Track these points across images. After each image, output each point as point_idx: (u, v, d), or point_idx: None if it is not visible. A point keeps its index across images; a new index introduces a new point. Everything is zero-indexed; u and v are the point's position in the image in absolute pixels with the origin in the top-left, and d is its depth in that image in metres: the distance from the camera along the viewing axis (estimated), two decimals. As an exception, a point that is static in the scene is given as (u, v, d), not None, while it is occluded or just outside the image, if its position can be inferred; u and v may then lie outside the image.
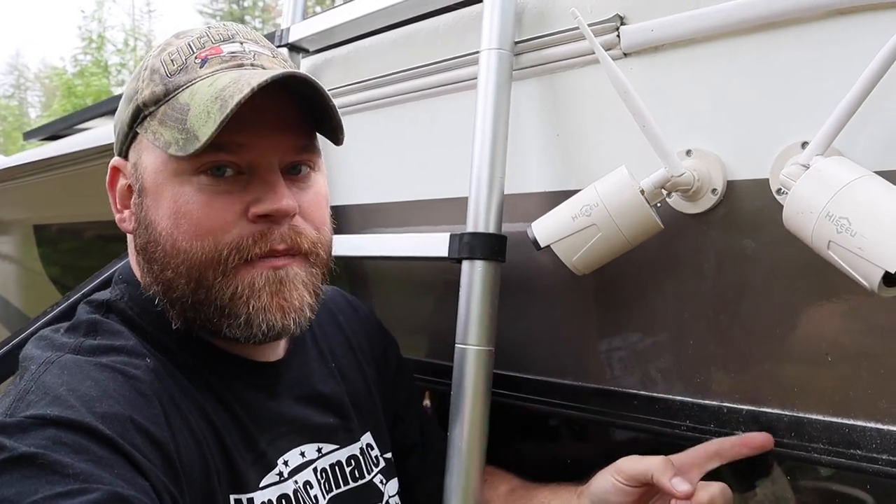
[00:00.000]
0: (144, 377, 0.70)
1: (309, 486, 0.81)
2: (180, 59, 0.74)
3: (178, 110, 0.71)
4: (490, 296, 0.89)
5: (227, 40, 0.76)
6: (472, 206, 0.91)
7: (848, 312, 0.72)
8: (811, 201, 0.63)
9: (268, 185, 0.72)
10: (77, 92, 18.71)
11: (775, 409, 0.78)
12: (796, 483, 1.11)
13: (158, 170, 0.73)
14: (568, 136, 0.92)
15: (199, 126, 0.68)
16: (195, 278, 0.72)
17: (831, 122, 0.66)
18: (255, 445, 0.77)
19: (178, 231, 0.72)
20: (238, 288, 0.72)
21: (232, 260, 0.71)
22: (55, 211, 2.49)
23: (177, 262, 0.72)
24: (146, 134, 0.73)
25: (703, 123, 0.80)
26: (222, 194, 0.72)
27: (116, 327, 0.75)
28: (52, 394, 0.63)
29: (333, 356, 0.94)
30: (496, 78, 0.91)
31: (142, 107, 0.74)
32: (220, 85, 0.70)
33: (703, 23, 0.78)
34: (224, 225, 0.71)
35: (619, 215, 0.75)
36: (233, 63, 0.74)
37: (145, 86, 0.74)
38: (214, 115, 0.67)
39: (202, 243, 0.71)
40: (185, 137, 0.69)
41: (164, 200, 0.73)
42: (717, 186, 0.78)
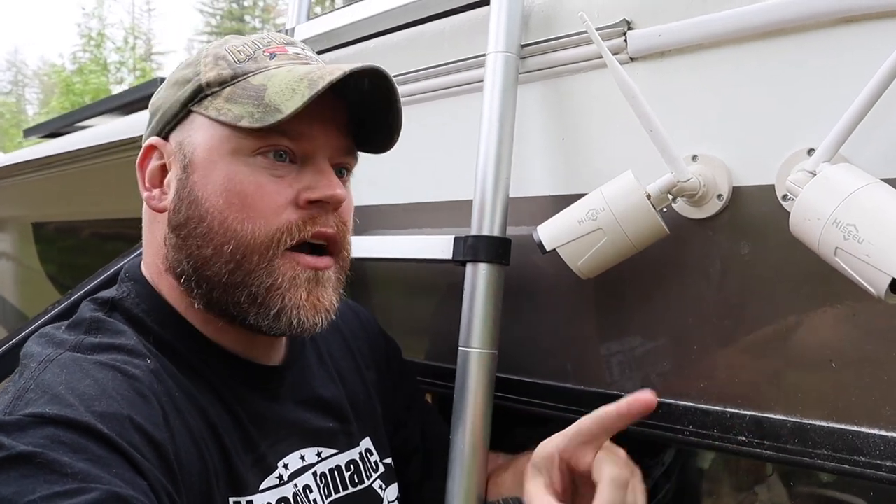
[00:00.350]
0: (144, 377, 0.69)
1: (308, 490, 0.81)
2: (247, 51, 0.77)
3: (251, 90, 0.73)
4: (494, 299, 0.89)
5: (289, 44, 0.80)
6: (476, 209, 0.91)
7: (853, 319, 0.73)
8: (818, 208, 0.63)
9: (321, 174, 0.75)
10: (75, 89, 18.68)
11: (778, 415, 0.78)
12: (795, 489, 1.12)
13: (214, 146, 0.74)
14: (573, 140, 0.92)
15: (283, 101, 0.70)
16: (237, 259, 0.73)
17: (838, 130, 0.67)
18: (256, 448, 0.77)
19: (231, 210, 0.72)
20: (279, 279, 0.73)
21: (283, 243, 0.73)
22: (54, 209, 2.49)
23: (222, 240, 0.73)
24: (206, 111, 0.75)
25: (709, 129, 0.81)
26: (277, 178, 0.74)
27: (119, 326, 0.75)
28: (51, 392, 0.63)
29: (333, 360, 0.94)
30: (502, 81, 0.91)
31: (204, 86, 0.75)
32: (300, 71, 0.73)
33: (710, 29, 0.78)
34: (276, 208, 0.73)
35: (625, 220, 0.75)
36: (300, 61, 0.77)
37: (209, 69, 0.76)
38: (302, 91, 0.70)
39: (253, 225, 0.72)
40: (262, 111, 0.71)
41: (215, 176, 0.73)
42: (723, 192, 0.79)
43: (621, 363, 0.90)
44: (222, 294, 0.74)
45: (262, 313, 0.74)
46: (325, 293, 0.77)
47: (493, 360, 0.89)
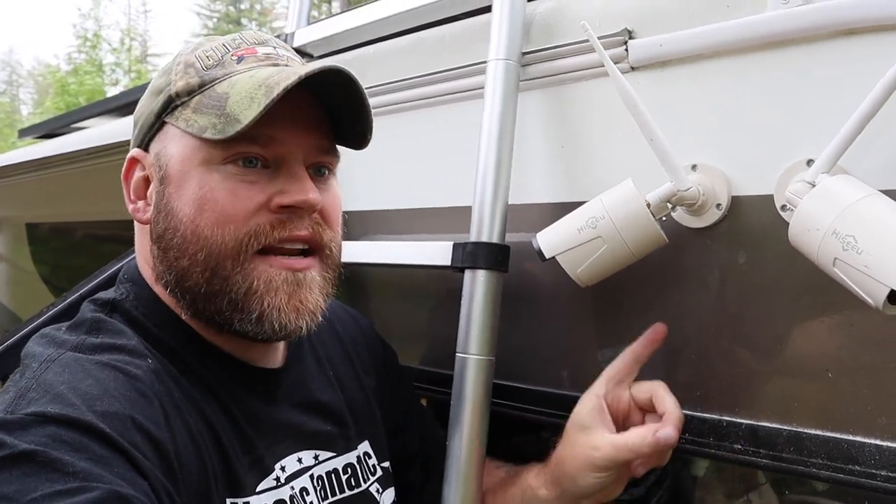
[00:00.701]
0: (145, 377, 0.70)
1: (305, 492, 0.81)
2: (216, 56, 0.77)
3: (216, 99, 0.73)
4: (492, 305, 0.89)
5: (261, 43, 0.79)
6: (475, 216, 0.91)
7: (850, 329, 0.73)
8: (817, 219, 0.63)
9: (294, 177, 0.74)
10: (70, 90, 18.63)
11: (774, 424, 0.78)
12: (787, 497, 1.12)
13: (186, 157, 0.74)
14: (573, 148, 0.93)
15: (241, 110, 0.70)
16: (211, 267, 0.72)
17: (837, 141, 0.67)
18: (254, 450, 0.77)
19: (202, 217, 0.72)
20: (254, 283, 0.73)
21: (251, 246, 0.73)
22: (48, 210, 2.47)
23: (195, 248, 0.73)
24: (177, 122, 0.75)
25: (709, 139, 0.81)
26: (248, 184, 0.73)
27: (119, 327, 0.75)
28: (53, 391, 0.63)
29: (332, 365, 0.94)
30: (503, 88, 0.92)
31: (174, 97, 0.75)
32: (261, 76, 0.72)
33: (711, 39, 0.79)
34: (246, 213, 0.73)
35: (625, 228, 0.76)
36: (268, 62, 0.77)
37: (179, 78, 0.76)
38: (259, 100, 0.69)
39: (223, 230, 0.72)
40: (223, 121, 0.71)
41: (188, 187, 0.73)
42: (722, 201, 0.79)
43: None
44: (205, 303, 0.75)
45: (245, 318, 0.74)
46: (308, 295, 0.76)
47: (490, 367, 0.89)
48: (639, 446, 0.78)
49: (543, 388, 0.96)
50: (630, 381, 0.84)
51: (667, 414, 0.79)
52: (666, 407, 0.79)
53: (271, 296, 0.73)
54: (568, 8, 0.94)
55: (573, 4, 0.93)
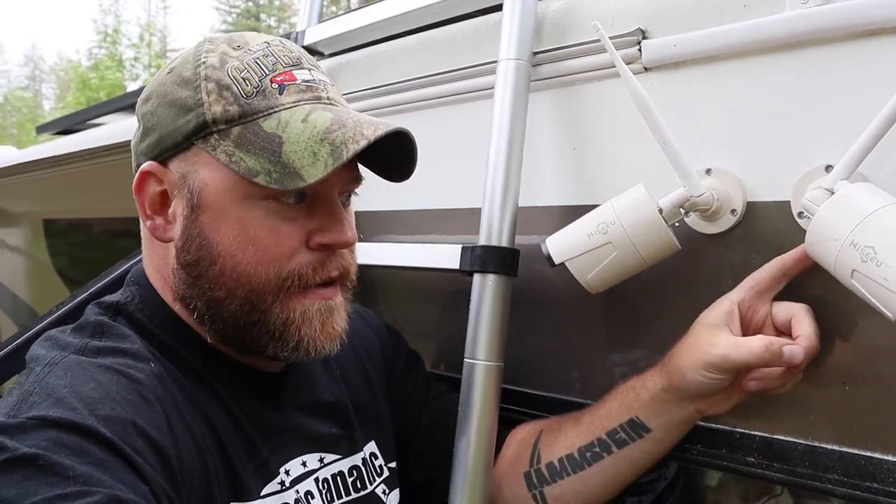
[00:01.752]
0: (147, 381, 0.69)
1: (310, 496, 0.80)
2: (254, 80, 0.73)
3: (264, 139, 0.71)
4: (501, 310, 0.87)
5: (296, 65, 0.76)
6: (485, 219, 0.89)
7: (867, 341, 0.71)
8: (835, 228, 0.61)
9: (331, 215, 0.75)
10: (91, 85, 18.83)
11: (790, 437, 0.76)
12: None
13: (225, 190, 0.72)
14: (585, 150, 0.91)
15: (303, 165, 0.69)
16: (251, 301, 0.73)
17: (857, 147, 0.65)
18: (258, 454, 0.77)
19: (245, 255, 0.72)
20: (292, 315, 0.74)
21: (294, 287, 0.73)
22: (65, 205, 2.49)
23: (235, 284, 0.73)
24: (215, 152, 0.72)
25: (723, 142, 0.79)
26: (289, 221, 0.73)
27: (123, 331, 0.75)
28: (55, 395, 0.63)
29: (338, 363, 0.93)
30: (513, 89, 0.90)
31: (209, 122, 0.72)
32: (320, 125, 0.71)
33: (726, 40, 0.77)
34: (289, 252, 0.73)
35: (636, 234, 0.74)
36: (311, 94, 0.74)
37: (213, 101, 0.72)
38: (324, 159, 0.69)
39: (267, 269, 0.72)
40: (280, 171, 0.69)
41: (228, 221, 0.72)
42: (737, 207, 0.77)
43: (629, 378, 0.89)
44: (239, 333, 0.75)
45: (281, 346, 0.75)
46: (337, 320, 0.78)
47: (498, 373, 0.87)
48: (760, 352, 0.71)
49: (552, 394, 0.94)
50: (772, 295, 0.76)
51: (802, 336, 0.72)
52: (804, 329, 0.72)
53: (307, 326, 0.75)
54: (580, 7, 0.92)
55: (585, 3, 0.91)
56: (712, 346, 0.74)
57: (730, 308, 0.75)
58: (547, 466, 0.87)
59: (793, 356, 0.70)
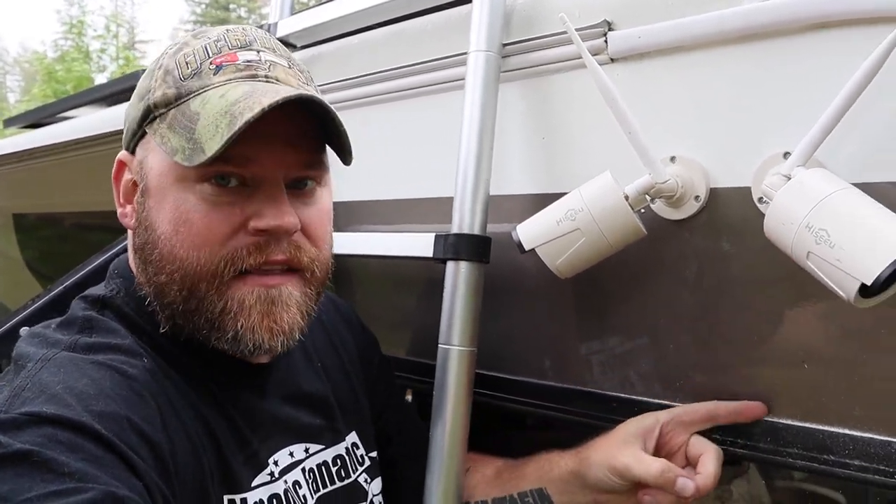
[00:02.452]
0: (141, 377, 0.69)
1: (298, 486, 0.81)
2: (195, 63, 0.73)
3: (188, 118, 0.70)
4: (474, 297, 0.89)
5: (244, 47, 0.75)
6: (457, 207, 0.91)
7: (825, 320, 0.74)
8: (791, 212, 0.64)
9: (271, 199, 0.72)
10: (58, 77, 18.43)
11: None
12: (771, 483, 1.14)
13: (164, 173, 0.73)
14: (554, 140, 0.93)
15: (207, 139, 0.67)
16: (188, 287, 0.72)
17: (813, 134, 0.67)
18: (248, 445, 0.78)
19: (177, 238, 0.71)
20: (227, 304, 0.72)
21: (228, 272, 0.71)
22: (36, 200, 2.46)
23: (172, 268, 0.72)
24: (154, 136, 0.73)
25: (687, 131, 0.81)
26: (224, 205, 0.71)
27: (112, 325, 0.75)
28: (49, 392, 0.62)
29: (318, 355, 0.94)
30: (483, 80, 0.92)
31: (152, 107, 0.73)
32: (231, 98, 0.69)
33: (689, 31, 0.79)
34: (222, 236, 0.71)
35: (603, 220, 0.76)
36: (247, 73, 0.73)
37: (158, 86, 0.73)
38: (222, 131, 0.67)
39: (199, 253, 0.71)
40: (191, 147, 0.68)
41: (166, 204, 0.72)
42: (700, 193, 0.79)
43: (599, 361, 0.91)
44: (183, 320, 0.74)
45: (222, 337, 0.73)
46: (283, 314, 0.73)
47: (472, 358, 0.89)
48: (656, 474, 0.78)
49: (525, 378, 0.97)
50: (694, 429, 0.82)
51: (702, 474, 0.78)
52: (707, 469, 0.78)
53: (244, 316, 0.72)
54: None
55: (553, -5, 0.93)
56: (620, 454, 0.81)
57: (653, 425, 0.82)
58: None
59: (684, 488, 0.77)
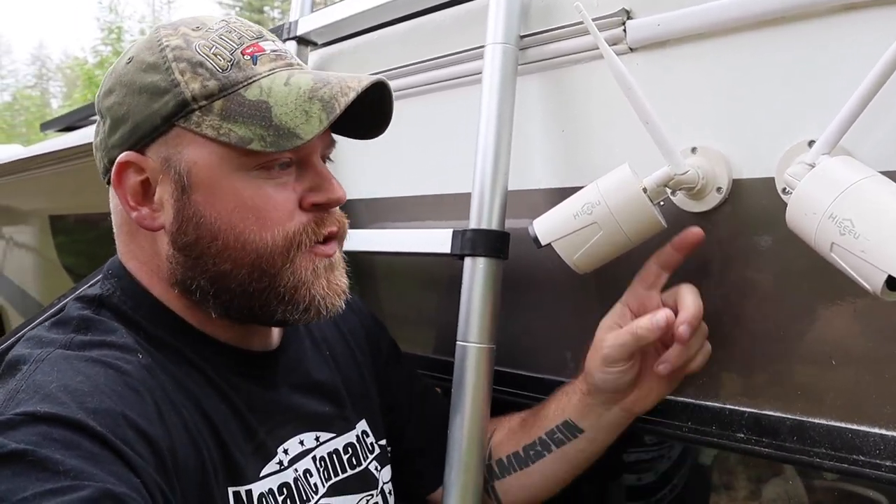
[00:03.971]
0: (136, 373, 0.68)
1: (309, 474, 0.81)
2: (225, 55, 0.73)
3: (251, 107, 0.71)
4: (492, 293, 0.88)
5: (260, 38, 0.77)
6: (475, 203, 0.90)
7: (853, 316, 0.71)
8: (815, 202, 0.61)
9: (320, 175, 0.77)
10: (97, 81, 18.83)
11: (778, 412, 0.77)
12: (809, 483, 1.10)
13: (215, 165, 0.72)
14: (574, 132, 0.91)
15: (298, 124, 0.70)
16: (260, 267, 0.74)
17: (838, 121, 0.65)
18: (255, 436, 0.77)
19: (246, 224, 0.73)
20: (304, 275, 0.75)
21: (303, 244, 0.75)
22: (70, 202, 2.51)
23: (241, 254, 0.73)
24: (200, 129, 0.71)
25: (708, 120, 0.79)
26: (281, 186, 0.74)
27: (111, 325, 0.74)
28: (43, 391, 0.62)
29: (327, 344, 0.94)
30: (501, 73, 0.90)
31: (189, 100, 0.71)
32: (304, 84, 0.72)
33: (709, 18, 0.77)
34: (287, 214, 0.74)
35: (621, 213, 0.74)
36: (283, 62, 0.76)
37: (189, 78, 0.71)
38: (317, 115, 0.70)
39: (272, 233, 0.73)
40: (274, 134, 0.70)
41: (222, 196, 0.72)
42: (723, 185, 0.77)
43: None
44: (247, 301, 0.75)
45: (291, 309, 0.76)
46: (340, 277, 0.80)
47: (490, 354, 0.88)
48: (632, 330, 0.79)
49: (544, 375, 0.95)
50: (658, 286, 0.82)
51: (682, 309, 0.77)
52: (684, 302, 0.78)
53: (317, 285, 0.76)
54: (566, -11, 0.92)
55: (572, -15, 0.91)
56: (603, 342, 0.82)
57: (620, 309, 0.84)
58: (497, 463, 0.95)
59: (656, 321, 0.77)
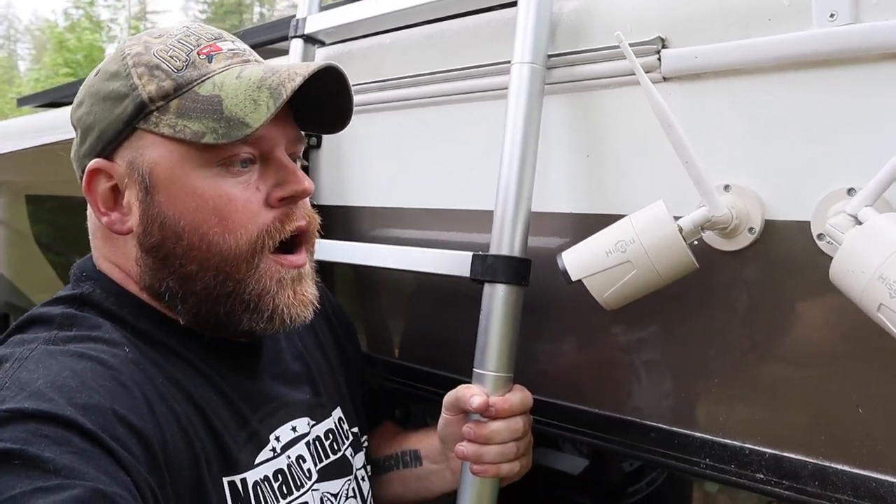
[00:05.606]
0: (123, 367, 0.68)
1: (302, 459, 0.83)
2: (181, 56, 0.74)
3: (204, 102, 0.71)
4: (511, 321, 0.86)
5: (218, 39, 0.78)
6: (496, 226, 0.88)
7: (882, 364, 0.71)
8: (863, 260, 0.60)
9: (285, 169, 0.76)
10: (69, 46, 18.27)
11: (800, 455, 0.76)
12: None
13: (174, 163, 0.72)
14: (599, 158, 0.89)
15: (247, 113, 0.70)
16: (225, 271, 0.73)
17: (884, 173, 0.64)
18: (247, 424, 0.78)
19: (207, 225, 0.72)
20: (267, 285, 0.75)
21: (267, 246, 0.75)
22: (48, 181, 2.43)
23: (206, 255, 0.73)
24: (157, 128, 0.72)
25: (742, 158, 0.78)
26: (243, 185, 0.74)
27: (95, 320, 0.73)
28: (30, 388, 0.61)
29: (298, 336, 0.95)
30: (527, 94, 0.88)
31: (147, 102, 0.72)
32: (254, 76, 0.72)
33: (751, 54, 0.75)
34: (251, 214, 0.74)
35: (655, 254, 0.73)
36: (239, 59, 0.77)
37: (146, 82, 0.72)
38: (265, 102, 0.70)
39: (235, 236, 0.73)
40: (225, 125, 0.70)
41: (184, 195, 0.72)
42: (755, 225, 0.76)
43: (637, 389, 0.89)
44: (213, 306, 0.75)
45: (256, 318, 0.76)
46: (308, 288, 0.80)
47: (508, 385, 0.87)
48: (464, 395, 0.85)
49: (561, 402, 0.94)
50: None
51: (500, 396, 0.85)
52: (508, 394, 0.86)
53: (281, 294, 0.76)
54: (596, 9, 0.89)
55: (602, 6, 0.89)
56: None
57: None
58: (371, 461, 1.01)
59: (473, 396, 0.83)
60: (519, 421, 0.85)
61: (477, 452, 0.83)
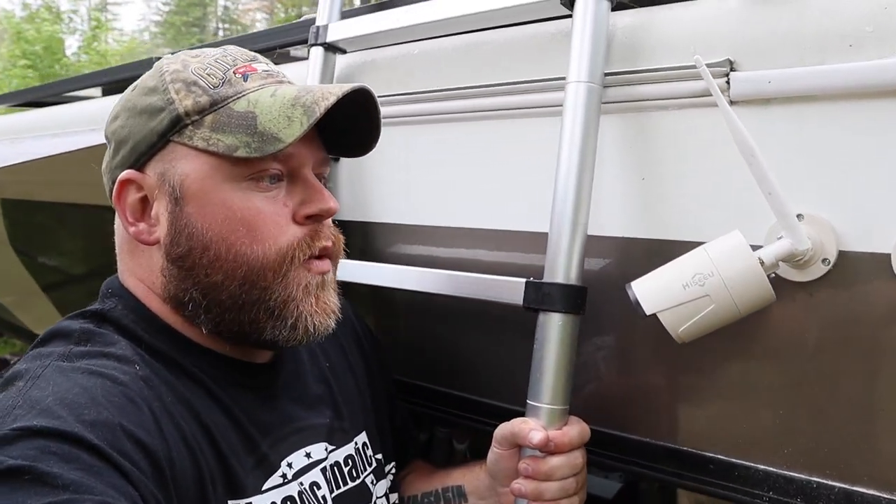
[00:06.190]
0: (132, 384, 0.68)
1: (316, 486, 0.81)
2: (217, 74, 0.76)
3: (238, 118, 0.73)
4: (568, 351, 0.83)
5: (254, 60, 0.80)
6: (551, 251, 0.84)
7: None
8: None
9: (312, 188, 0.78)
10: (27, 37, 17.70)
11: (871, 490, 0.75)
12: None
13: (205, 176, 0.74)
14: (656, 182, 0.86)
15: (280, 129, 0.71)
16: (251, 280, 0.74)
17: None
18: (256, 448, 0.77)
19: (237, 237, 0.73)
20: (293, 291, 0.75)
21: (298, 259, 0.75)
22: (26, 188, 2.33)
23: (233, 265, 0.73)
24: (191, 141, 0.74)
25: (815, 187, 0.76)
26: (271, 200, 0.75)
27: (112, 337, 0.74)
28: (39, 406, 0.61)
29: (325, 355, 0.93)
30: (584, 114, 0.84)
31: (183, 115, 0.74)
32: (288, 95, 0.74)
33: (829, 81, 0.73)
34: (279, 228, 0.75)
35: (735, 287, 0.70)
36: (274, 79, 0.79)
37: (183, 97, 0.74)
38: (299, 119, 0.71)
39: (263, 247, 0.74)
40: (258, 140, 0.71)
41: (213, 207, 0.74)
42: (830, 256, 0.74)
43: (696, 419, 0.86)
44: (237, 314, 0.75)
45: (280, 325, 0.75)
46: (330, 296, 0.80)
47: (564, 417, 0.84)
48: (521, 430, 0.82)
49: (615, 432, 0.91)
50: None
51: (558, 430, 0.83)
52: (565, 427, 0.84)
53: (305, 301, 0.76)
54: (654, 27, 0.86)
55: (662, 24, 0.86)
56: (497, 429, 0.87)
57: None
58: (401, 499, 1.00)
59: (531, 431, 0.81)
60: (578, 455, 0.82)
61: (536, 490, 0.80)
